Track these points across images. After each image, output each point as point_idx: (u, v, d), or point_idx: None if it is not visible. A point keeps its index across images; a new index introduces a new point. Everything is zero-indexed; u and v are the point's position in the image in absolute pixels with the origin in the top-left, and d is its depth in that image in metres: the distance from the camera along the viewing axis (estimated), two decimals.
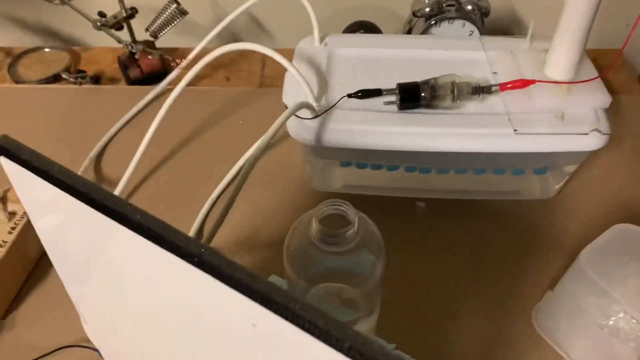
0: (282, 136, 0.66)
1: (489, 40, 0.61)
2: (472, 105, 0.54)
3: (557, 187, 0.59)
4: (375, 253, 0.40)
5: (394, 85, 0.54)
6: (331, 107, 0.53)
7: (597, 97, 0.52)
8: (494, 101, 0.54)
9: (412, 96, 0.53)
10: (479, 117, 0.53)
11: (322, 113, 0.52)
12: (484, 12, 0.69)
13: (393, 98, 0.54)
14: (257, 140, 0.64)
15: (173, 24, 0.76)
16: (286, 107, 0.55)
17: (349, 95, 0.54)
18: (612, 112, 0.60)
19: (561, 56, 0.52)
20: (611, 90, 0.76)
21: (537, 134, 0.51)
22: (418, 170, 0.57)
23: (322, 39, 0.62)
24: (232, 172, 0.62)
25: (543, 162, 0.56)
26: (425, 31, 0.70)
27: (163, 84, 0.74)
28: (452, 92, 0.53)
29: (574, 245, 0.56)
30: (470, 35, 0.71)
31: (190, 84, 0.59)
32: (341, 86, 0.57)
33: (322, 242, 0.37)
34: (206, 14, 0.89)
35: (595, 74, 0.54)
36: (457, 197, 0.60)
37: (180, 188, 0.63)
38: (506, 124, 0.52)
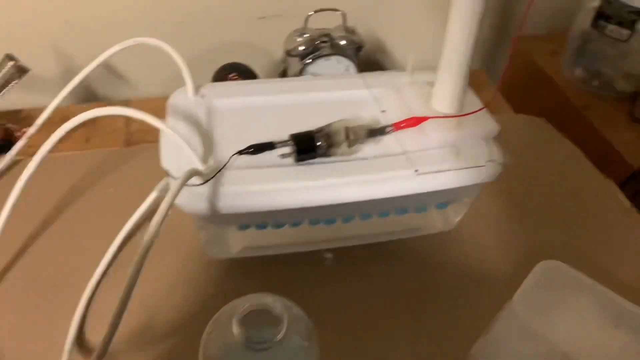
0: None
1: (370, 76, 0.60)
2: (369, 149, 0.52)
3: (458, 218, 0.59)
4: (306, 338, 0.35)
5: (284, 135, 0.50)
6: (222, 168, 0.47)
7: (486, 127, 0.53)
8: (389, 141, 0.52)
9: (308, 147, 0.49)
10: (378, 160, 0.50)
11: (212, 177, 0.47)
12: (358, 47, 0.68)
13: (288, 150, 0.50)
14: (135, 209, 0.57)
15: (11, 85, 0.65)
16: (167, 172, 0.48)
17: (240, 152, 0.49)
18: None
19: (449, 90, 0.52)
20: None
21: (437, 171, 0.49)
22: (323, 222, 0.54)
23: (196, 90, 0.56)
24: (108, 254, 0.54)
25: (445, 198, 0.55)
26: (301, 71, 0.68)
27: (7, 158, 0.62)
28: (348, 137, 0.50)
29: (486, 274, 0.56)
30: (346, 70, 0.70)
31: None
32: (228, 142, 0.51)
33: (248, 346, 0.31)
34: (52, 66, 0.79)
35: (479, 104, 0.55)
36: (363, 242, 0.57)
37: (47, 282, 0.53)
38: (406, 165, 0.50)
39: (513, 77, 0.97)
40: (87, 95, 0.84)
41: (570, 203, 0.65)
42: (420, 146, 0.51)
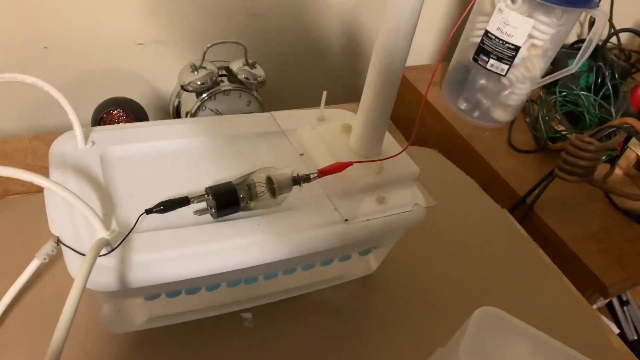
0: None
1: (282, 115, 0.56)
2: (293, 197, 0.48)
3: (378, 263, 0.57)
4: None
5: (193, 187, 0.44)
6: (129, 233, 0.40)
7: (407, 169, 0.52)
8: (313, 188, 0.49)
9: (230, 201, 0.44)
10: (305, 211, 0.46)
11: (118, 244, 0.39)
12: (260, 81, 0.63)
13: (204, 205, 0.44)
14: (9, 279, 0.47)
15: None
16: (58, 240, 0.40)
17: (148, 211, 0.42)
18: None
19: (370, 135, 0.50)
20: None
21: (367, 220, 0.47)
22: (243, 282, 0.48)
23: (85, 136, 0.47)
24: None
25: (370, 244, 0.53)
26: (200, 107, 0.61)
27: None
28: (271, 187, 0.45)
29: (409, 318, 0.54)
30: (248, 105, 0.65)
31: None
32: (131, 199, 0.44)
33: None
34: None
35: (397, 146, 0.54)
36: (284, 296, 0.53)
37: None
38: (334, 215, 0.47)
39: (400, 110, 1.00)
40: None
41: (475, 239, 0.67)
42: (346, 192, 0.49)
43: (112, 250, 0.39)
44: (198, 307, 0.49)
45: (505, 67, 0.79)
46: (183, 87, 0.61)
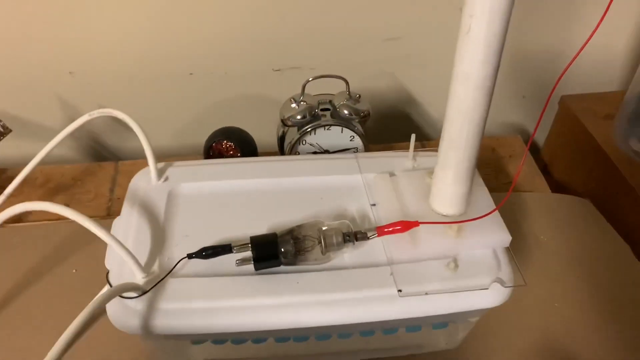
0: None
1: (367, 158, 0.52)
2: (348, 255, 0.43)
3: (464, 335, 0.49)
4: None
5: (254, 231, 0.43)
6: (162, 279, 0.40)
7: (495, 236, 0.43)
8: (373, 245, 0.43)
9: (268, 254, 0.41)
10: (355, 273, 0.42)
11: (149, 289, 0.39)
12: (363, 116, 0.59)
13: (248, 254, 0.42)
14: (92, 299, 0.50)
15: None
16: (107, 275, 0.41)
17: (190, 256, 0.41)
18: (518, 216, 0.51)
19: (447, 190, 0.43)
20: (514, 186, 0.70)
21: (425, 294, 0.40)
22: (292, 340, 0.45)
23: (162, 171, 0.49)
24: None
25: (439, 320, 0.45)
26: (299, 140, 0.60)
27: None
28: (320, 242, 0.42)
29: None
30: (351, 140, 0.61)
31: (14, 220, 0.45)
32: (185, 238, 0.44)
33: None
34: (57, 117, 0.75)
35: (490, 202, 0.45)
36: (346, 359, 0.48)
37: None
38: (388, 282, 0.41)
39: (556, 144, 0.85)
40: (94, 145, 0.80)
41: (614, 323, 0.53)
42: (410, 256, 0.42)
43: (143, 294, 0.39)
44: (251, 356, 0.48)
45: None
46: (283, 121, 0.60)
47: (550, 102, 0.84)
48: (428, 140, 0.83)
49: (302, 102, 0.59)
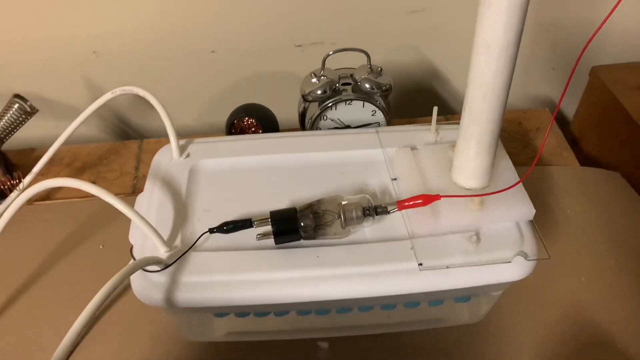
0: None
1: (389, 131, 0.51)
2: (368, 229, 0.43)
3: (487, 309, 0.48)
4: None
5: (275, 206, 0.43)
6: (184, 254, 0.41)
7: (518, 209, 0.42)
8: (394, 219, 0.43)
9: (288, 228, 0.41)
10: (375, 247, 0.41)
11: (171, 263, 0.40)
12: (385, 90, 0.59)
13: (268, 228, 0.42)
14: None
15: (19, 126, 0.62)
16: (131, 250, 0.42)
17: (211, 231, 0.42)
18: (545, 190, 0.50)
19: (469, 163, 0.42)
20: (541, 160, 0.68)
21: (446, 267, 0.40)
22: (313, 313, 0.46)
23: (184, 148, 0.50)
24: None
25: (462, 294, 0.45)
26: (320, 116, 0.60)
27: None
28: (340, 216, 0.41)
29: None
30: (373, 115, 0.61)
31: (42, 197, 0.46)
32: (206, 213, 0.45)
33: None
34: (83, 97, 0.76)
35: (514, 176, 0.44)
36: (367, 332, 0.49)
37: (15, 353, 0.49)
38: (409, 256, 0.40)
39: (586, 116, 0.83)
40: (119, 124, 0.81)
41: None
42: (431, 230, 0.42)
43: (165, 267, 0.40)
44: (271, 330, 0.48)
45: None
46: (303, 97, 0.59)
47: (581, 73, 0.82)
48: (453, 114, 0.81)
49: (322, 77, 0.58)
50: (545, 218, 0.58)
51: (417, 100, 0.84)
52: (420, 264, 0.40)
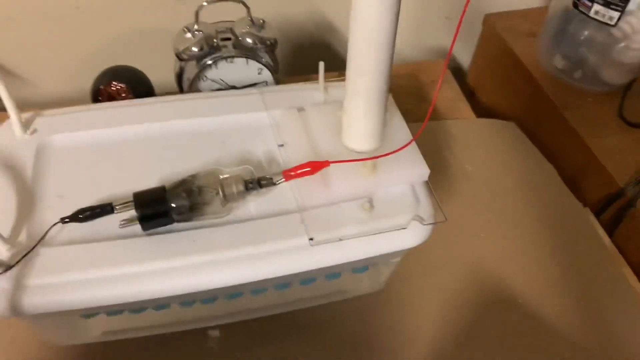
0: None
1: (275, 92, 0.46)
2: (252, 205, 0.38)
3: (387, 276, 0.46)
4: None
5: (141, 186, 0.37)
6: (33, 248, 0.34)
7: (412, 170, 0.39)
8: (282, 191, 0.39)
9: (157, 211, 0.35)
10: (261, 224, 0.37)
11: (15, 264, 0.33)
12: (270, 44, 0.53)
13: (133, 213, 0.36)
14: None
15: None
16: None
17: (64, 220, 0.35)
18: (442, 146, 0.47)
19: (358, 124, 0.38)
20: (437, 114, 0.66)
21: (339, 240, 0.36)
22: (199, 302, 0.41)
23: (29, 122, 0.42)
24: None
25: (358, 265, 0.42)
26: (198, 76, 0.53)
27: None
28: (221, 192, 0.36)
29: (426, 346, 0.43)
30: (259, 73, 0.55)
31: None
32: (59, 200, 0.38)
33: None
34: None
35: (408, 134, 0.41)
36: (261, 314, 0.44)
37: None
38: (299, 231, 0.36)
39: (481, 67, 0.82)
40: None
41: (540, 245, 0.52)
42: (322, 200, 0.38)
43: (7, 269, 0.33)
44: (155, 323, 0.43)
45: (615, 14, 0.59)
46: (177, 55, 0.52)
47: (475, 23, 0.80)
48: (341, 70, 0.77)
49: (197, 32, 0.51)
50: (444, 175, 0.56)
51: (310, 55, 0.79)
52: (311, 239, 0.36)
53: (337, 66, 0.46)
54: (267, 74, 0.55)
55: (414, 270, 0.48)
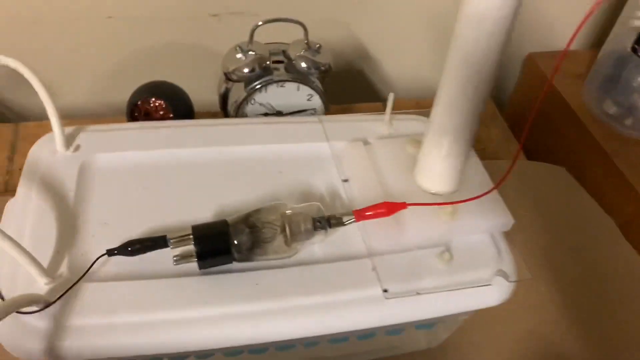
0: None
1: (334, 121, 0.42)
2: (317, 246, 0.34)
3: (449, 333, 0.42)
4: None
5: (195, 217, 0.33)
6: (75, 283, 0.30)
7: (495, 218, 0.35)
8: (347, 232, 0.35)
9: (218, 248, 0.31)
10: (328, 269, 0.33)
11: (55, 300, 0.29)
12: (323, 70, 0.50)
13: (189, 248, 0.32)
14: None
15: None
16: None
17: (110, 252, 0.31)
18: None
19: (440, 163, 0.34)
20: (485, 154, 0.63)
21: (416, 294, 0.32)
22: (246, 352, 0.36)
23: (72, 137, 0.38)
24: None
25: (430, 321, 0.38)
26: (246, 99, 0.50)
27: None
28: (284, 230, 0.32)
29: None
30: (309, 100, 0.52)
31: None
32: (104, 227, 0.34)
33: None
34: None
35: (486, 177, 0.38)
36: None
37: None
38: (371, 280, 0.32)
39: (521, 105, 0.80)
40: None
41: (600, 300, 0.48)
42: (395, 245, 0.34)
43: (46, 306, 0.29)
44: None
45: None
46: (227, 75, 0.49)
47: (516, 60, 0.78)
48: (382, 101, 0.74)
49: (250, 52, 0.48)
50: None
51: (345, 84, 0.76)
52: (386, 290, 0.32)
53: (374, 97, 0.43)
54: (316, 101, 0.52)
55: (475, 324, 0.44)
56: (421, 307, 0.32)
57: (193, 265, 0.32)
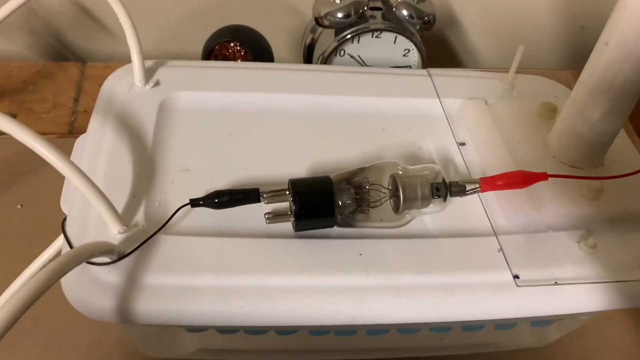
0: None
1: (445, 75, 0.36)
2: (430, 217, 0.29)
3: (562, 334, 0.36)
4: None
5: (287, 170, 0.28)
6: (154, 234, 0.25)
7: None
8: (464, 205, 0.29)
9: (320, 208, 0.26)
10: (443, 245, 0.27)
11: (130, 252, 0.25)
12: (427, 22, 0.44)
13: (283, 205, 0.27)
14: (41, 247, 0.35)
15: None
16: (62, 223, 0.26)
17: (194, 203, 0.27)
18: None
19: (588, 130, 0.28)
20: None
21: (554, 283, 0.26)
22: (332, 333, 0.31)
23: (151, 72, 0.33)
24: None
25: (550, 318, 0.32)
26: (337, 50, 0.44)
27: None
28: (395, 194, 0.27)
29: None
30: (405, 55, 0.46)
31: None
32: (184, 174, 0.29)
33: None
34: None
35: (634, 152, 0.31)
36: (398, 355, 0.35)
37: None
38: (496, 263, 0.27)
39: None
40: (55, 43, 0.62)
41: None
42: (526, 224, 0.28)
43: (120, 259, 0.24)
44: (267, 348, 0.34)
45: None
46: (317, 20, 0.43)
47: None
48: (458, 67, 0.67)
49: None
50: None
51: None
52: (517, 277, 0.26)
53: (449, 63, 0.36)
54: (413, 58, 0.46)
55: (588, 324, 0.38)
56: (559, 299, 0.26)
57: (286, 225, 0.27)
